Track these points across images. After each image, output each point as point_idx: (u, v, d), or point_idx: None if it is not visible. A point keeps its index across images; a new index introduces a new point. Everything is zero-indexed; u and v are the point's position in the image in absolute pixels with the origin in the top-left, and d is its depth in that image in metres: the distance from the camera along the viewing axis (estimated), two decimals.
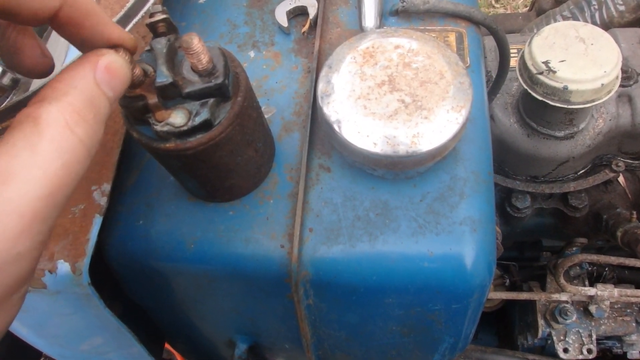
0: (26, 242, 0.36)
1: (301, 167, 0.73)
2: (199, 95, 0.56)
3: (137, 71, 0.52)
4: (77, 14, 0.45)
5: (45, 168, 0.38)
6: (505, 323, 1.75)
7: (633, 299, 1.36)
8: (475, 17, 0.84)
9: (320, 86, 0.68)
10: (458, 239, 0.68)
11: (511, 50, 1.36)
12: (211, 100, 0.57)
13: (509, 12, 3.48)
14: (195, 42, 0.53)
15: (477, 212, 0.70)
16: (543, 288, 1.50)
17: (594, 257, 1.34)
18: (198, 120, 0.56)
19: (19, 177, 0.36)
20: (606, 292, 1.36)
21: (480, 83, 0.80)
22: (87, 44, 0.47)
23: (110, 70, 0.45)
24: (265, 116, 0.78)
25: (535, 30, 1.61)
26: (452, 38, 0.83)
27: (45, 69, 0.52)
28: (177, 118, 0.56)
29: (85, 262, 0.66)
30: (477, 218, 0.69)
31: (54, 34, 0.89)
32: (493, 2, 3.56)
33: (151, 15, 0.56)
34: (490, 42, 1.29)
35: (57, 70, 0.80)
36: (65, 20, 0.45)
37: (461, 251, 0.68)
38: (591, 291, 1.37)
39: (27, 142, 0.38)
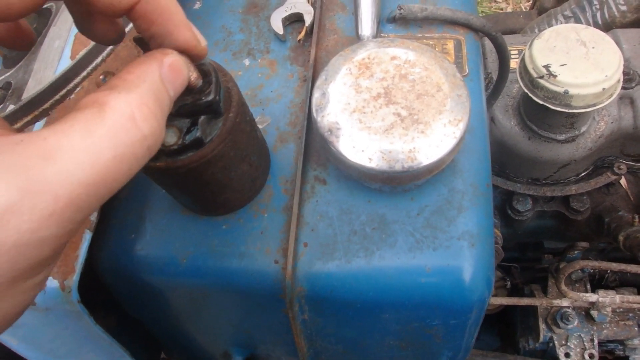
0: (53, 227, 0.33)
1: (296, 179, 0.71)
2: (189, 113, 0.55)
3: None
4: (152, 10, 0.45)
5: (96, 155, 0.35)
6: (507, 324, 1.74)
7: (635, 305, 1.35)
8: (474, 24, 0.82)
9: (315, 98, 0.67)
10: (456, 254, 0.67)
11: (512, 52, 1.35)
12: (202, 118, 0.55)
13: (510, 7, 3.46)
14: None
15: (475, 226, 0.68)
16: (544, 291, 1.48)
17: (595, 263, 1.32)
18: (189, 138, 0.55)
19: (65, 157, 0.34)
20: (608, 299, 1.35)
21: (479, 92, 0.79)
22: (155, 39, 0.47)
23: (173, 69, 0.45)
24: (261, 126, 0.77)
25: (536, 30, 1.60)
26: (450, 45, 0.82)
27: (114, 35, 0.51)
28: (168, 136, 0.54)
29: (74, 280, 0.65)
30: (475, 232, 0.68)
31: (52, 31, 0.88)
32: None
33: None
34: (490, 42, 1.27)
35: (49, 76, 0.79)
36: (140, 14, 0.44)
37: (459, 266, 0.66)
38: (593, 297, 1.36)
39: (85, 125, 0.36)
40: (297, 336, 0.77)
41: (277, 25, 0.85)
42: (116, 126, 0.37)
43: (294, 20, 0.87)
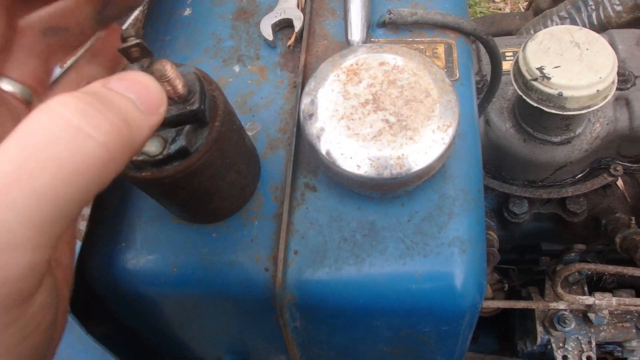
0: None
1: (286, 186, 0.71)
2: (174, 123, 0.54)
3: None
4: None
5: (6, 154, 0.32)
6: (506, 327, 1.73)
7: (632, 307, 1.35)
8: (464, 28, 0.82)
9: (303, 105, 0.67)
10: (447, 261, 0.66)
11: (507, 54, 1.34)
12: (187, 127, 0.55)
13: (509, 7, 3.46)
14: (168, 69, 0.50)
15: (466, 232, 0.68)
16: (542, 293, 1.48)
17: (591, 266, 1.32)
18: (174, 148, 0.54)
19: None
20: (604, 301, 1.34)
21: (470, 96, 0.78)
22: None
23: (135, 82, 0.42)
24: (250, 133, 0.77)
25: (532, 31, 1.59)
26: (441, 50, 0.81)
27: None
28: (152, 147, 0.54)
29: None
30: (466, 238, 0.67)
31: None
32: None
33: (124, 39, 0.54)
34: None
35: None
36: None
37: (450, 273, 0.66)
38: (589, 300, 1.35)
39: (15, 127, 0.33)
40: (289, 343, 0.76)
41: (267, 31, 0.84)
42: (46, 125, 0.34)
43: (284, 26, 0.86)
